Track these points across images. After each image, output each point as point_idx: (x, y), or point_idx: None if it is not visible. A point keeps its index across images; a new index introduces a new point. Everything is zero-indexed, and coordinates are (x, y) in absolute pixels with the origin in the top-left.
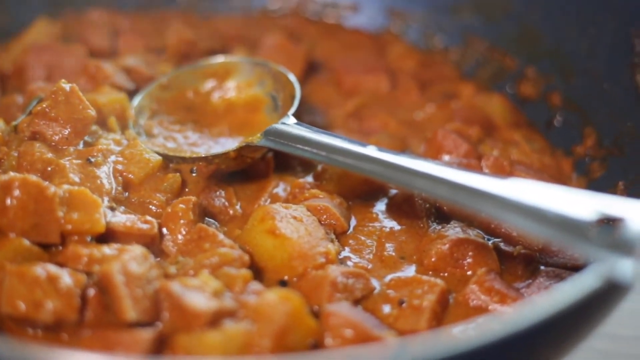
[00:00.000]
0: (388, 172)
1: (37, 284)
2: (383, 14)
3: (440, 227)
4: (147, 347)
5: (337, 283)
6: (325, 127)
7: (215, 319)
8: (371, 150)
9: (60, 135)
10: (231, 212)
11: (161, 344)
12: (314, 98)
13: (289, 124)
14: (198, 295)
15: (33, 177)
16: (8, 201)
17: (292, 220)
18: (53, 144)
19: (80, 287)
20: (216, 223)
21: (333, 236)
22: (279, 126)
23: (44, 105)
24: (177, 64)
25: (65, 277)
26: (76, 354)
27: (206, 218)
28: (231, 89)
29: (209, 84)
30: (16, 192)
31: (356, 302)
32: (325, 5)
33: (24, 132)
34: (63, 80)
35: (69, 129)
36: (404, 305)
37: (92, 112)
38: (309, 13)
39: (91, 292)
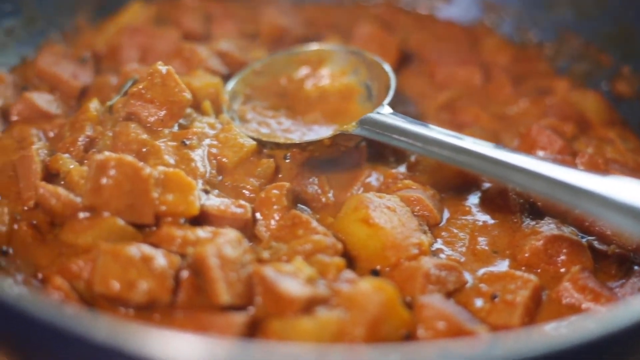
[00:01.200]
0: (485, 165)
1: (132, 263)
2: (477, 6)
3: (534, 222)
4: (240, 330)
5: (430, 275)
6: (417, 119)
7: (309, 306)
8: (468, 143)
9: (156, 117)
10: (323, 199)
11: (253, 328)
12: (406, 89)
13: (385, 113)
14: (292, 281)
15: (129, 157)
16: (104, 180)
17: (385, 210)
18: (148, 125)
19: (174, 268)
20: (308, 210)
21: (426, 228)
22: (374, 115)
23: (140, 87)
24: (269, 50)
25: (160, 258)
26: (174, 335)
27: (298, 205)
28: (325, 77)
29: (303, 71)
30: (112, 172)
31: (448, 294)
32: None
33: (119, 112)
34: (160, 62)
35: (165, 111)
36: (496, 299)
37: (188, 95)
38: (402, 3)
39: (184, 274)
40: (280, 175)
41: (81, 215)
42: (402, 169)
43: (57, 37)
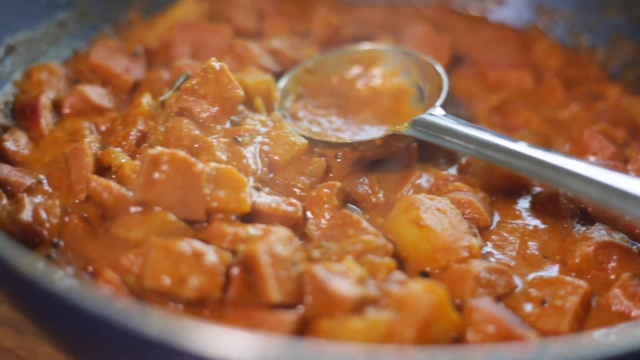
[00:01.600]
0: (539, 169)
1: (183, 259)
2: (529, 9)
3: (584, 228)
4: (290, 329)
5: (480, 278)
6: (468, 121)
7: (359, 306)
8: (522, 147)
9: (208, 113)
10: (374, 200)
11: (303, 327)
12: (457, 91)
13: (437, 115)
14: (342, 280)
15: (181, 153)
16: (156, 175)
17: (436, 212)
18: (200, 121)
19: (225, 265)
20: (358, 210)
21: (476, 231)
22: (427, 117)
23: (193, 83)
24: (321, 49)
25: (211, 254)
26: (227, 331)
27: (348, 204)
28: (376, 77)
29: (355, 71)
30: (164, 167)
31: (498, 298)
32: None
33: (172, 107)
34: (213, 58)
35: (217, 107)
36: (545, 305)
37: (241, 92)
38: (454, 4)
39: (235, 270)
40: (331, 175)
41: (132, 209)
42: (453, 170)
43: (109, 31)
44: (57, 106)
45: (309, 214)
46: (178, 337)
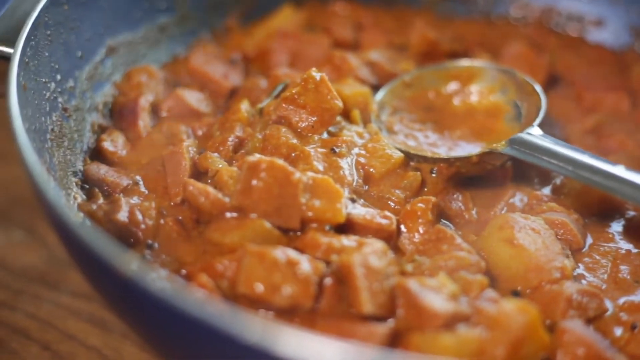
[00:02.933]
0: (637, 194)
1: (277, 267)
2: (628, 32)
3: None
4: (381, 341)
5: (572, 300)
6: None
7: (451, 322)
8: (620, 170)
9: (307, 122)
10: (467, 216)
11: (394, 340)
12: (552, 111)
13: (535, 134)
14: (435, 295)
15: (280, 161)
16: (254, 182)
17: (530, 231)
18: (298, 130)
19: (319, 275)
20: (451, 226)
21: (569, 252)
22: (525, 136)
23: (294, 92)
24: (418, 63)
25: (305, 264)
26: (326, 341)
27: (442, 220)
28: (473, 94)
29: (452, 86)
30: (262, 174)
31: (588, 321)
32: (569, 18)
33: (270, 115)
34: (314, 68)
35: (316, 118)
36: (636, 330)
37: (339, 103)
38: (552, 24)
39: (328, 281)
40: (425, 189)
41: (228, 215)
42: (547, 191)
43: (207, 37)
44: (155, 109)
45: (402, 227)
46: (279, 344)
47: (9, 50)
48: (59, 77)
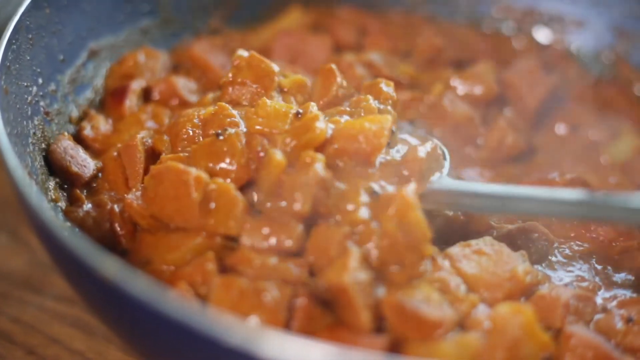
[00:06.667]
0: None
1: (244, 296)
2: (610, 32)
3: None
4: (382, 351)
5: (569, 305)
6: None
7: (450, 329)
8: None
9: (250, 93)
10: None
11: (393, 351)
12: None
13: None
14: (428, 306)
15: (177, 164)
16: (157, 189)
17: (474, 256)
18: (245, 104)
19: (287, 299)
20: None
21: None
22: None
23: (229, 75)
24: (420, 69)
25: (273, 291)
26: (310, 343)
27: None
28: None
29: None
30: (163, 179)
31: (587, 324)
32: (550, 19)
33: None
34: (240, 49)
35: (257, 85)
36: (631, 323)
37: (275, 67)
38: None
39: (301, 302)
40: None
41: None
42: None
43: (190, 40)
44: (147, 94)
45: None
46: (261, 347)
47: None
48: (40, 80)
